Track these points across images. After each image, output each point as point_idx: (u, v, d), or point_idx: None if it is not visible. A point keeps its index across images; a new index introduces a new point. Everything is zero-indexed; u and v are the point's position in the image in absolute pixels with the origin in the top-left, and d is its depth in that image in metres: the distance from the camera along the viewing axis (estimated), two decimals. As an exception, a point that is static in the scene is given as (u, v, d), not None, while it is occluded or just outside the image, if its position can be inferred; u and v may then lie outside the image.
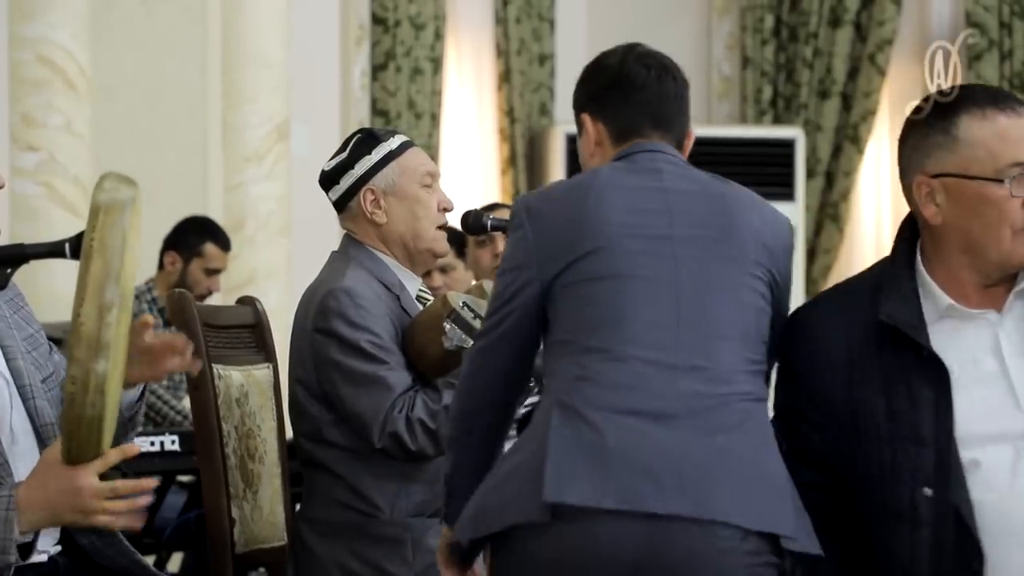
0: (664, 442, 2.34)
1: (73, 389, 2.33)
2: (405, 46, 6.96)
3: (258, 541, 3.20)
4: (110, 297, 2.33)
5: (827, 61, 7.62)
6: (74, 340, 2.33)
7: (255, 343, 3.34)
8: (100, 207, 2.36)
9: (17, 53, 5.34)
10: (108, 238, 2.34)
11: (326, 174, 3.22)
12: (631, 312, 2.41)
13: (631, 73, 2.61)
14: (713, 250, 2.50)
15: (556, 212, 2.50)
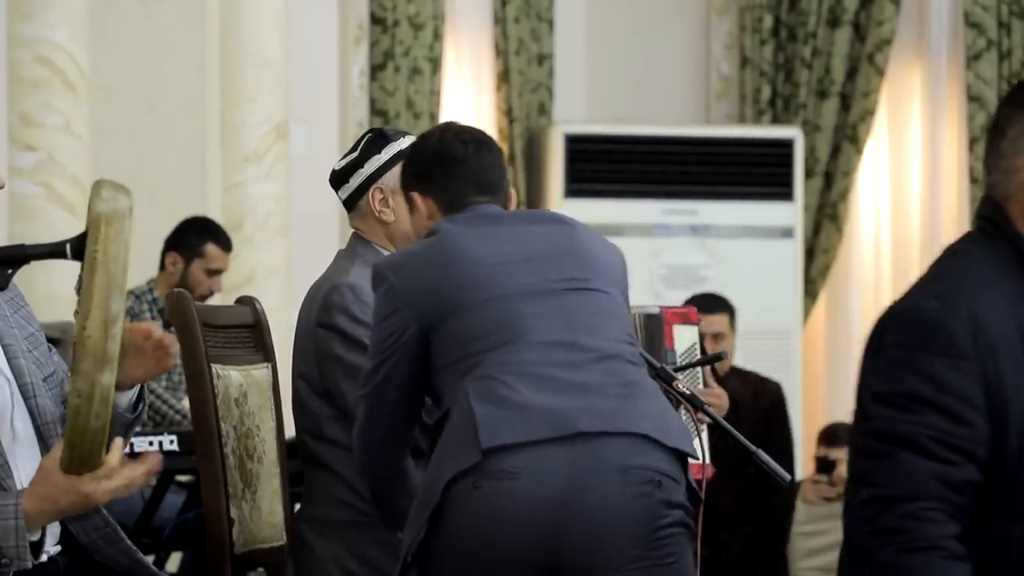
0: (577, 385, 2.65)
1: (78, 401, 2.34)
2: (404, 46, 6.96)
3: (257, 541, 3.20)
4: (116, 310, 2.34)
5: (826, 61, 7.62)
6: (80, 353, 2.34)
7: (254, 343, 3.34)
8: (101, 218, 2.36)
9: (16, 53, 5.34)
10: (111, 250, 2.35)
11: (336, 173, 3.23)
12: (518, 313, 2.70)
13: (450, 149, 2.89)
14: (571, 261, 2.80)
15: (419, 264, 2.78)
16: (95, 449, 2.38)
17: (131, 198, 2.42)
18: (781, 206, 7.36)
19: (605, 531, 2.59)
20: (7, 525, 2.44)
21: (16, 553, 2.45)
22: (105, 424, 2.36)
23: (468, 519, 2.61)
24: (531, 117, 7.49)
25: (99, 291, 2.34)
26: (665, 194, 7.27)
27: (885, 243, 7.75)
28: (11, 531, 2.44)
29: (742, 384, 5.50)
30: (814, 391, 7.68)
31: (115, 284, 2.34)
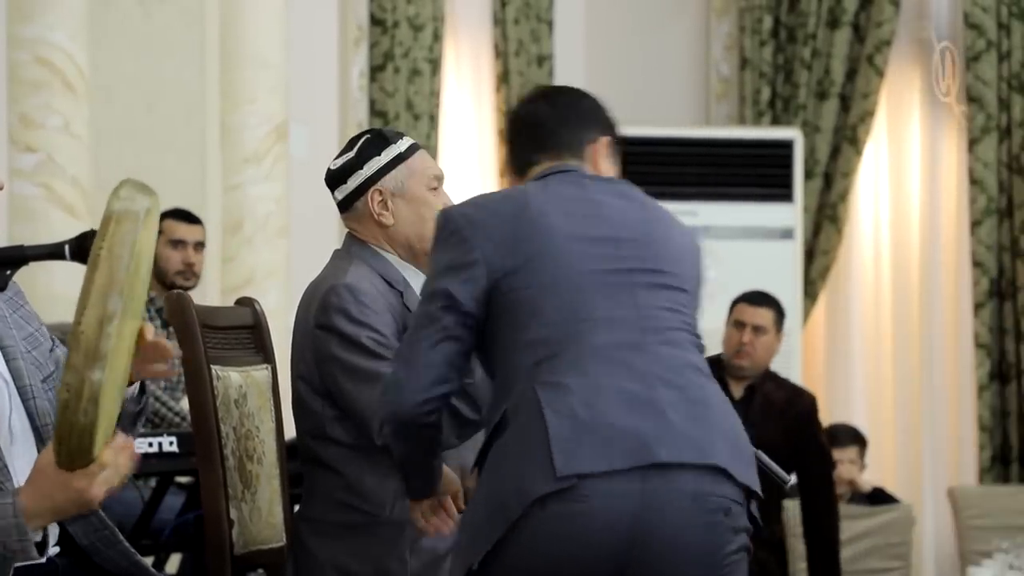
0: (651, 403, 2.57)
1: (67, 396, 2.34)
2: (403, 47, 6.96)
3: (257, 542, 3.20)
4: (112, 308, 2.33)
5: (825, 62, 7.62)
6: (73, 347, 2.33)
7: (254, 344, 3.34)
8: (112, 216, 2.36)
9: (15, 54, 5.33)
10: (116, 248, 2.34)
11: (332, 173, 3.22)
12: (591, 306, 2.61)
13: (517, 116, 2.83)
14: (649, 249, 2.74)
15: (494, 216, 2.67)
16: (84, 445, 2.38)
17: (153, 199, 2.41)
18: (781, 207, 7.36)
19: (674, 556, 2.56)
20: (7, 524, 2.44)
21: (20, 547, 2.45)
22: (94, 421, 2.35)
23: (536, 537, 2.54)
24: (531, 118, 7.48)
25: (98, 288, 2.33)
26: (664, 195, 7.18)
27: (885, 244, 7.75)
28: (11, 528, 2.44)
29: (776, 388, 5.51)
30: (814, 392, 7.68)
31: (115, 282, 2.34)
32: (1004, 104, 7.49)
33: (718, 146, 7.35)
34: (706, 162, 7.32)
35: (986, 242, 7.45)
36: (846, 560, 6.19)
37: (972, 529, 6.71)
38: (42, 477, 2.44)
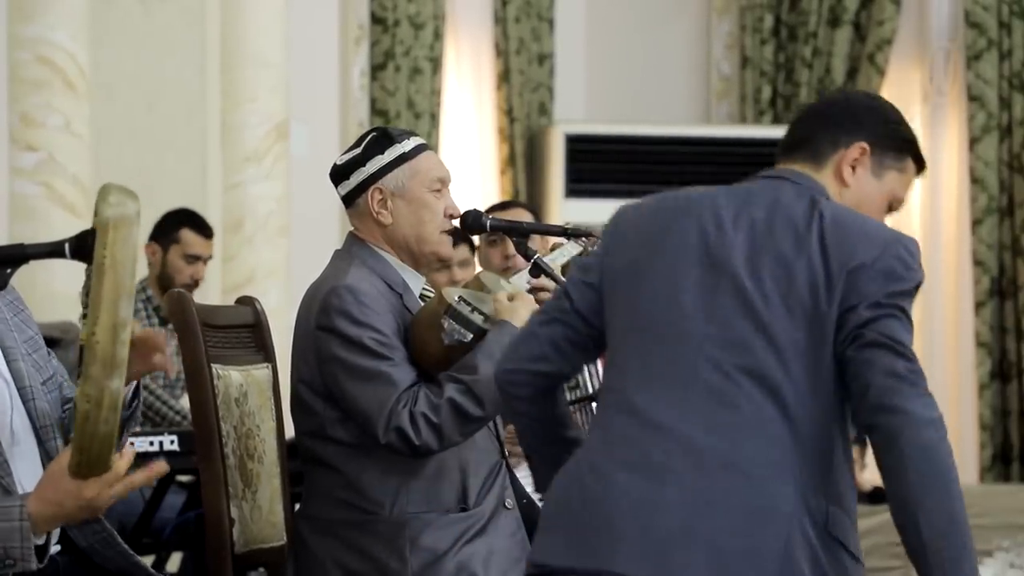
0: (647, 490, 2.31)
1: (87, 407, 2.34)
2: (404, 46, 6.96)
3: (257, 541, 3.19)
4: (124, 314, 2.34)
5: (826, 61, 7.62)
6: (89, 358, 2.34)
7: (254, 343, 3.34)
8: (109, 223, 2.36)
9: (16, 53, 5.34)
10: (119, 254, 2.35)
11: (337, 168, 3.21)
12: (649, 366, 2.38)
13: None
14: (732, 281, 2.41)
15: (633, 218, 2.54)
16: (104, 454, 2.39)
17: (138, 203, 2.41)
18: (782, 206, 7.35)
19: None
20: (11, 527, 2.44)
21: (21, 554, 2.45)
22: (113, 429, 2.37)
23: None
24: (531, 117, 7.49)
25: (107, 296, 2.34)
26: (666, 194, 7.26)
27: (886, 243, 7.74)
28: (15, 532, 2.44)
29: None
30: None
31: (123, 289, 2.34)
32: (1005, 103, 7.48)
33: (719, 145, 7.34)
34: (707, 161, 7.31)
35: (987, 241, 7.44)
36: (847, 559, 6.19)
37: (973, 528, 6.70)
38: (53, 485, 2.44)
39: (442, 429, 3.01)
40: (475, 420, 3.04)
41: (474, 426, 3.06)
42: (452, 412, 3.01)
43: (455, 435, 3.03)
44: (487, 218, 3.34)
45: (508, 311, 3.07)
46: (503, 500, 3.18)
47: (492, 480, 3.17)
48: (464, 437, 3.07)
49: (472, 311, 3.04)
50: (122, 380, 2.34)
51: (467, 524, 3.11)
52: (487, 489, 3.16)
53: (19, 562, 2.46)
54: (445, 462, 3.11)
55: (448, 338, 3.02)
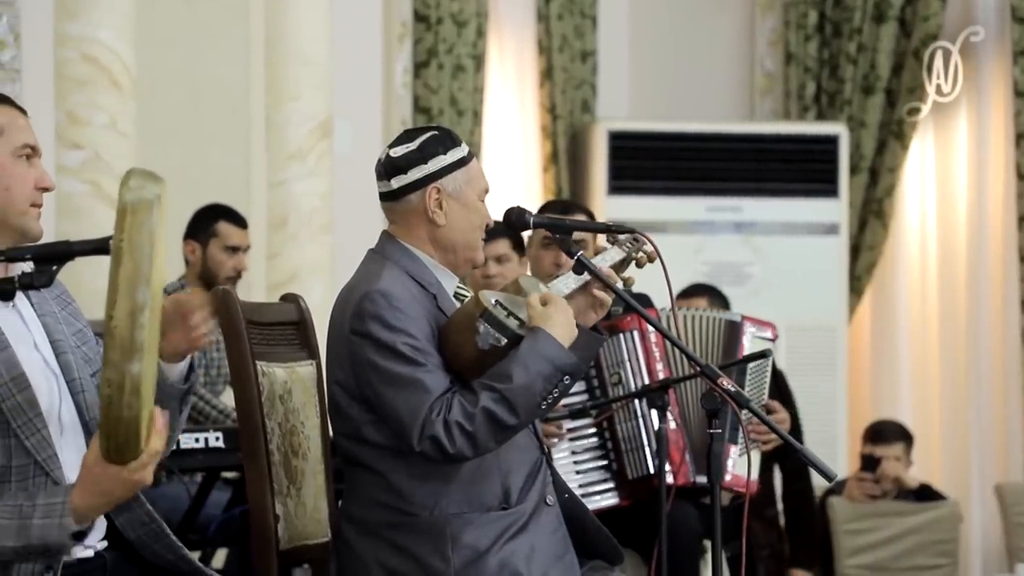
0: None
1: (109, 392, 2.35)
2: (447, 43, 6.96)
3: (302, 537, 3.20)
4: (141, 298, 2.33)
5: (871, 57, 7.57)
6: (108, 342, 2.34)
7: (298, 340, 3.35)
8: (127, 207, 2.36)
9: (62, 52, 5.37)
10: (136, 238, 2.34)
11: (393, 160, 3.18)
12: None
13: None
14: None
15: None
16: (131, 438, 2.39)
17: (162, 185, 2.41)
18: (826, 203, 7.32)
19: None
20: (51, 523, 2.46)
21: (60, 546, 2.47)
22: (138, 413, 2.36)
23: None
24: (574, 114, 7.48)
25: (124, 280, 2.34)
26: (709, 191, 7.25)
27: (931, 239, 7.70)
28: (53, 528, 2.46)
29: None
30: (859, 389, 7.64)
31: (141, 273, 2.34)
32: (1052, 98, 7.42)
33: (762, 141, 7.31)
34: (750, 158, 7.29)
35: (1034, 237, 7.38)
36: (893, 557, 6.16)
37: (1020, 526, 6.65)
38: (93, 474, 2.46)
39: (476, 437, 3.01)
40: (509, 428, 3.04)
41: (508, 434, 3.06)
42: (487, 421, 3.01)
43: (489, 443, 3.04)
44: (529, 215, 3.33)
45: (542, 317, 3.06)
46: (544, 497, 3.17)
47: (533, 477, 3.17)
48: (498, 445, 3.06)
49: (508, 316, 3.03)
50: (143, 363, 2.34)
51: (508, 521, 3.11)
52: (528, 487, 3.15)
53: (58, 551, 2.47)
54: (484, 463, 3.11)
55: (482, 342, 3.01)
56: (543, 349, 3.01)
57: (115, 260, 2.34)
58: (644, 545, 4.12)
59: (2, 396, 2.57)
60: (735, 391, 3.09)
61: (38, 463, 2.58)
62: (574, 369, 3.04)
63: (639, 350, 4.14)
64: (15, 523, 2.46)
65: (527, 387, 3.00)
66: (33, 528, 2.45)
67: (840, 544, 5.97)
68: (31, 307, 2.72)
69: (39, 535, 2.45)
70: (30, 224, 2.69)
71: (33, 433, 2.58)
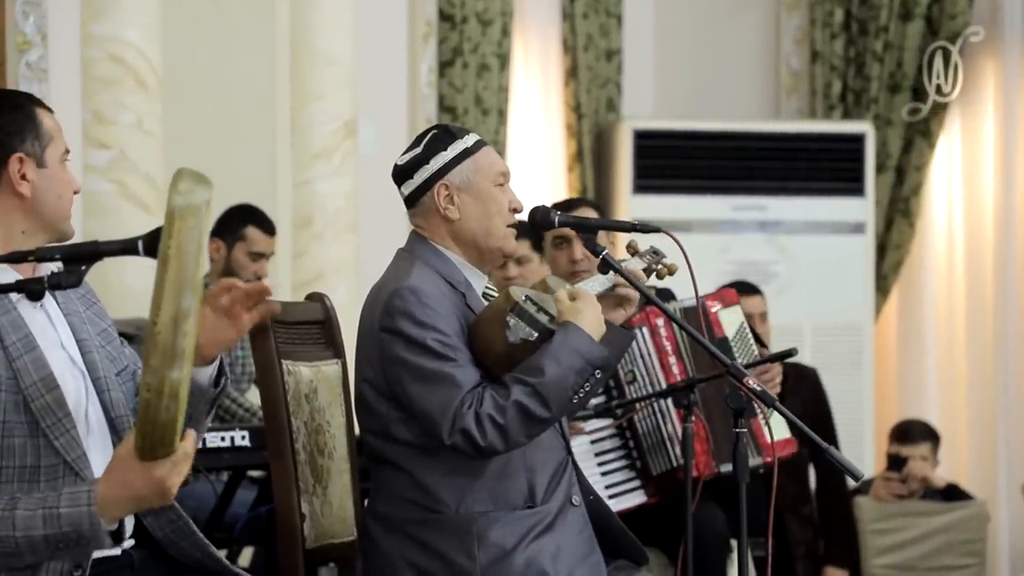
0: None
1: (148, 396, 2.35)
2: (472, 42, 6.96)
3: (328, 536, 3.21)
4: (186, 305, 2.34)
5: (898, 55, 7.55)
6: (151, 347, 2.34)
7: (324, 339, 3.35)
8: (175, 212, 2.36)
9: (89, 51, 5.38)
10: (184, 244, 2.35)
11: (399, 168, 3.22)
12: None
13: None
14: None
15: None
16: (167, 438, 2.40)
17: (210, 189, 2.41)
18: (852, 201, 7.30)
19: None
20: (80, 511, 2.46)
21: (92, 533, 2.47)
22: (175, 416, 2.38)
23: None
24: (599, 113, 7.47)
25: (170, 286, 2.34)
26: (734, 190, 7.23)
27: (958, 238, 7.67)
28: (84, 517, 2.46)
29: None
30: (886, 388, 7.61)
31: (187, 279, 2.35)
32: (1080, 96, 7.39)
33: (788, 140, 7.29)
34: (776, 156, 7.27)
35: (1062, 236, 7.35)
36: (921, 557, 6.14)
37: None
38: (122, 467, 2.46)
39: (508, 430, 3.01)
40: (541, 422, 3.04)
41: (540, 428, 3.06)
42: (518, 414, 3.01)
43: (520, 436, 3.03)
44: (555, 214, 3.33)
45: (572, 312, 3.06)
46: (570, 497, 3.17)
47: (559, 478, 3.17)
48: (529, 439, 3.06)
49: (538, 311, 3.04)
50: (183, 370, 2.34)
51: (534, 520, 3.11)
52: (554, 487, 3.15)
53: (92, 541, 2.47)
54: (511, 461, 3.11)
55: (513, 336, 3.02)
56: (575, 343, 3.01)
57: (162, 265, 2.35)
58: (670, 545, 4.12)
59: (31, 396, 2.58)
60: (760, 389, 3.09)
61: (67, 463, 2.58)
62: (605, 363, 3.05)
63: (651, 346, 4.14)
64: (40, 512, 2.47)
65: (559, 381, 3.00)
66: (62, 517, 2.46)
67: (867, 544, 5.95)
68: (57, 307, 2.73)
69: (69, 522, 2.45)
70: (68, 227, 2.73)
71: (62, 433, 2.59)
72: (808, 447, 5.44)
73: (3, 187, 2.65)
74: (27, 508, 2.48)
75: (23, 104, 2.68)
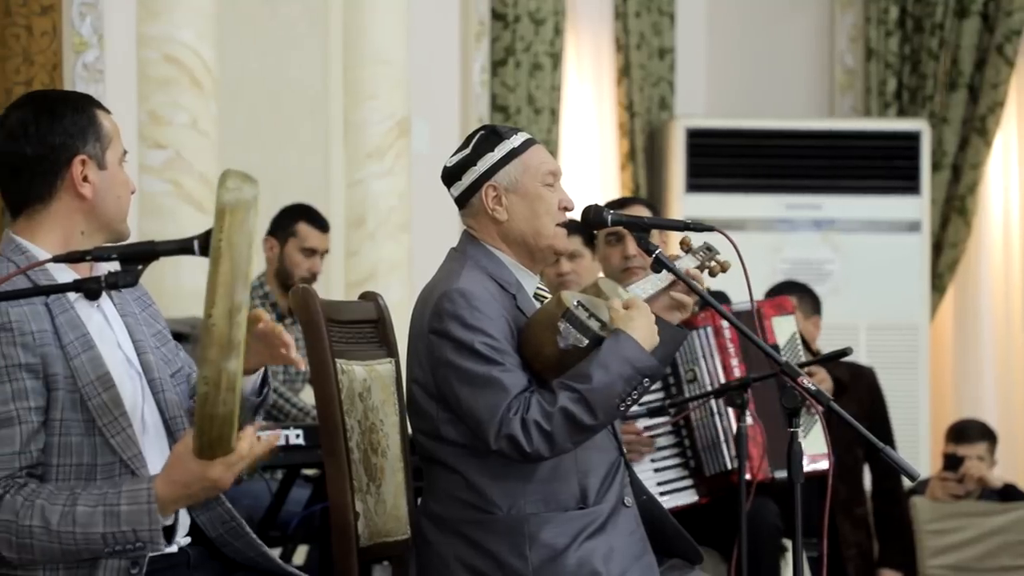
0: None
1: (206, 389, 2.37)
2: (525, 41, 6.97)
3: (382, 535, 3.21)
4: (240, 298, 2.36)
5: (953, 52, 7.49)
6: (206, 341, 2.36)
7: (377, 338, 3.36)
8: (226, 208, 2.38)
9: (144, 52, 5.42)
10: (235, 239, 2.37)
11: (448, 170, 3.23)
12: None
13: None
14: None
15: None
16: (224, 435, 2.42)
17: (257, 187, 2.43)
18: (908, 200, 7.25)
19: None
20: (140, 509, 2.49)
21: (149, 536, 2.50)
22: (232, 410, 2.39)
23: None
24: (652, 111, 7.45)
25: (223, 280, 2.36)
26: (788, 188, 7.20)
27: (1015, 236, 7.60)
28: (144, 514, 2.49)
29: (834, 367, 5.46)
30: (942, 387, 7.56)
31: (239, 273, 2.37)
32: None
33: (843, 138, 7.25)
34: (831, 155, 7.23)
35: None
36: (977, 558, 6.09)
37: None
38: (179, 465, 2.48)
39: (554, 437, 3.01)
40: (587, 429, 3.03)
41: (586, 435, 3.05)
42: (565, 421, 3.00)
43: (566, 443, 3.03)
44: (608, 213, 3.32)
45: (623, 320, 3.05)
46: (622, 498, 3.16)
47: (611, 478, 3.16)
48: (575, 445, 3.06)
49: (589, 317, 3.03)
50: (239, 361, 2.37)
51: (586, 521, 3.10)
52: (606, 488, 3.15)
53: (148, 544, 2.50)
54: (562, 463, 3.10)
55: (563, 341, 3.01)
56: (625, 351, 3.00)
57: (214, 260, 2.37)
58: (724, 543, 4.10)
59: (88, 395, 2.60)
60: (816, 389, 3.07)
61: (123, 461, 2.60)
62: (654, 372, 3.04)
63: (713, 346, 4.12)
64: (100, 509, 2.50)
65: (607, 388, 2.99)
66: (121, 515, 2.48)
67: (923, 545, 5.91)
68: (114, 307, 2.75)
69: (128, 520, 2.48)
70: (126, 227, 2.76)
71: (119, 432, 2.61)
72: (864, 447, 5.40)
73: (65, 188, 2.67)
74: (87, 504, 2.51)
75: (84, 106, 2.70)
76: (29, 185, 2.67)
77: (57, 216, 2.67)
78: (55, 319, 2.61)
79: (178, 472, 2.48)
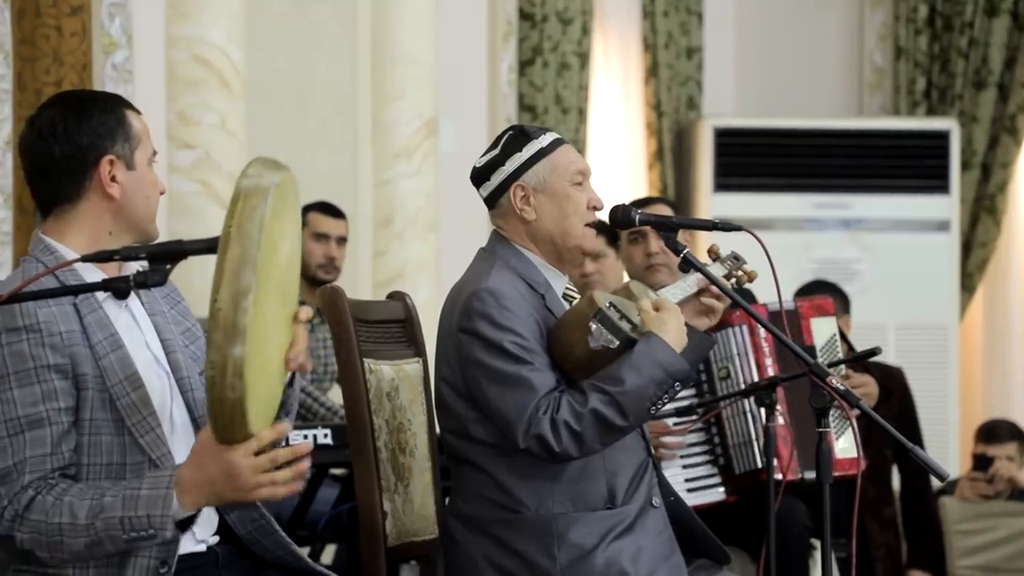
0: None
1: (212, 373, 2.38)
2: (552, 41, 6.96)
3: (410, 534, 3.22)
4: (246, 282, 2.35)
5: (983, 51, 7.45)
6: (212, 325, 2.37)
7: (405, 338, 3.36)
8: (240, 193, 2.39)
9: (173, 53, 5.44)
10: (245, 224, 2.37)
11: (477, 171, 3.23)
12: None
13: None
14: None
15: None
16: (237, 420, 2.41)
17: (284, 173, 2.43)
18: (937, 199, 7.22)
19: None
20: (157, 494, 2.49)
21: (160, 523, 2.49)
22: (242, 395, 2.38)
23: None
24: (680, 111, 7.44)
25: (230, 264, 2.36)
26: (816, 187, 7.18)
27: (1046, 236, 7.56)
28: (159, 500, 2.49)
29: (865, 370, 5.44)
30: (971, 387, 7.53)
31: (247, 258, 2.36)
32: None
33: (871, 137, 7.23)
34: (859, 154, 7.21)
35: None
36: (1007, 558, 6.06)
37: None
38: (200, 449, 2.50)
39: (583, 438, 3.01)
40: (617, 431, 3.03)
41: (616, 436, 3.05)
42: (595, 422, 3.00)
43: (595, 444, 3.03)
44: (636, 212, 3.32)
45: (655, 322, 3.05)
46: (650, 499, 3.16)
47: (639, 479, 3.16)
48: (604, 447, 3.06)
49: (621, 318, 3.03)
50: (244, 347, 2.35)
51: (614, 521, 3.10)
52: (634, 489, 3.14)
53: (159, 532, 2.50)
54: (590, 464, 3.10)
55: (594, 342, 3.01)
56: (657, 354, 3.00)
57: (223, 245, 2.37)
58: (752, 543, 4.09)
59: (117, 394, 2.61)
60: (844, 389, 3.06)
61: (152, 461, 2.61)
62: (686, 376, 3.04)
63: (748, 345, 4.11)
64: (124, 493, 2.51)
65: (639, 391, 2.99)
66: (140, 498, 2.49)
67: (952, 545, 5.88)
68: (142, 306, 2.76)
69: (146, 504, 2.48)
70: (154, 228, 2.76)
71: (148, 431, 2.62)
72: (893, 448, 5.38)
73: (93, 189, 2.68)
74: (113, 495, 2.52)
75: (113, 106, 2.71)
76: (57, 185, 2.68)
77: (85, 216, 2.68)
78: (83, 319, 2.62)
79: (199, 456, 2.49)
